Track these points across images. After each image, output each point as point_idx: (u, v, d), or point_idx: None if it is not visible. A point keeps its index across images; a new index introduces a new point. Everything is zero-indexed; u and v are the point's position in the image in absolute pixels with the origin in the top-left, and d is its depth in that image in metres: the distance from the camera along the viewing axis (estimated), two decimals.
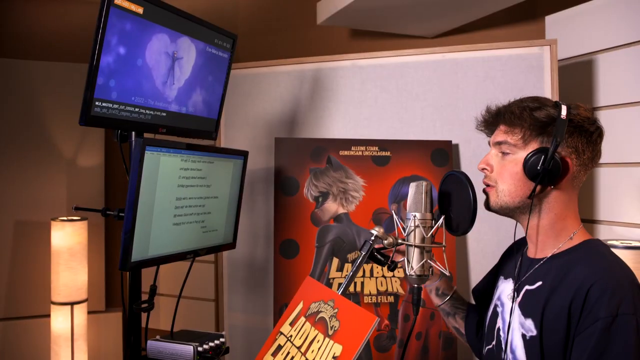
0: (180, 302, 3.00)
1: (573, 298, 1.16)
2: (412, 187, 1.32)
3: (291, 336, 1.33)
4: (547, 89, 2.24)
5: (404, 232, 1.34)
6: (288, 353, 1.30)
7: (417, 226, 1.30)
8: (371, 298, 2.20)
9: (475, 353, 1.56)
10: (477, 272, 2.32)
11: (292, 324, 1.37)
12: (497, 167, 1.34)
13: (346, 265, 2.21)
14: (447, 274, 1.33)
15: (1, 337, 2.90)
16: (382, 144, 2.30)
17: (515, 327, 1.30)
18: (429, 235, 1.30)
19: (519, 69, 2.28)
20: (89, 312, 2.82)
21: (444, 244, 1.34)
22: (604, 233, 2.30)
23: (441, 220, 1.33)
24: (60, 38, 3.08)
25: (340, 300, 1.23)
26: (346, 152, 2.29)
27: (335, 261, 2.22)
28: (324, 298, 1.29)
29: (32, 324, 2.94)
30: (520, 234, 1.41)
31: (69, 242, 2.70)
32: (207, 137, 1.97)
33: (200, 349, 1.70)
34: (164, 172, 1.59)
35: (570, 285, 1.19)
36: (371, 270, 2.20)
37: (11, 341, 2.91)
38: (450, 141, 2.31)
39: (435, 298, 1.56)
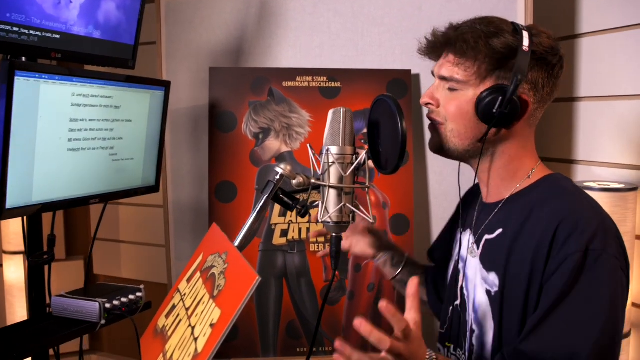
0: (132, 248, 2.86)
1: (540, 240, 1.01)
2: (329, 116, 1.08)
3: (185, 294, 1.13)
4: (520, 13, 2.00)
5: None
6: (178, 315, 1.09)
7: (333, 162, 1.07)
8: (318, 246, 2.00)
9: (438, 317, 1.38)
10: (439, 217, 2.12)
11: (188, 280, 1.16)
12: (444, 101, 1.14)
13: None
14: (371, 220, 1.11)
15: None
16: (331, 73, 2.04)
17: (477, 283, 1.14)
18: (347, 173, 1.07)
19: None
20: None
21: (367, 184, 1.11)
22: (581, 174, 2.10)
23: (363, 155, 1.08)
24: None
25: (232, 253, 1.01)
26: (290, 83, 2.03)
27: (278, 206, 2.00)
28: (220, 250, 1.08)
29: None
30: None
31: None
32: (122, 65, 1.71)
33: (108, 305, 1.51)
34: (48, 103, 1.33)
35: (535, 228, 1.03)
36: None
37: None
38: (410, 70, 2.06)
39: (390, 270, 1.42)
